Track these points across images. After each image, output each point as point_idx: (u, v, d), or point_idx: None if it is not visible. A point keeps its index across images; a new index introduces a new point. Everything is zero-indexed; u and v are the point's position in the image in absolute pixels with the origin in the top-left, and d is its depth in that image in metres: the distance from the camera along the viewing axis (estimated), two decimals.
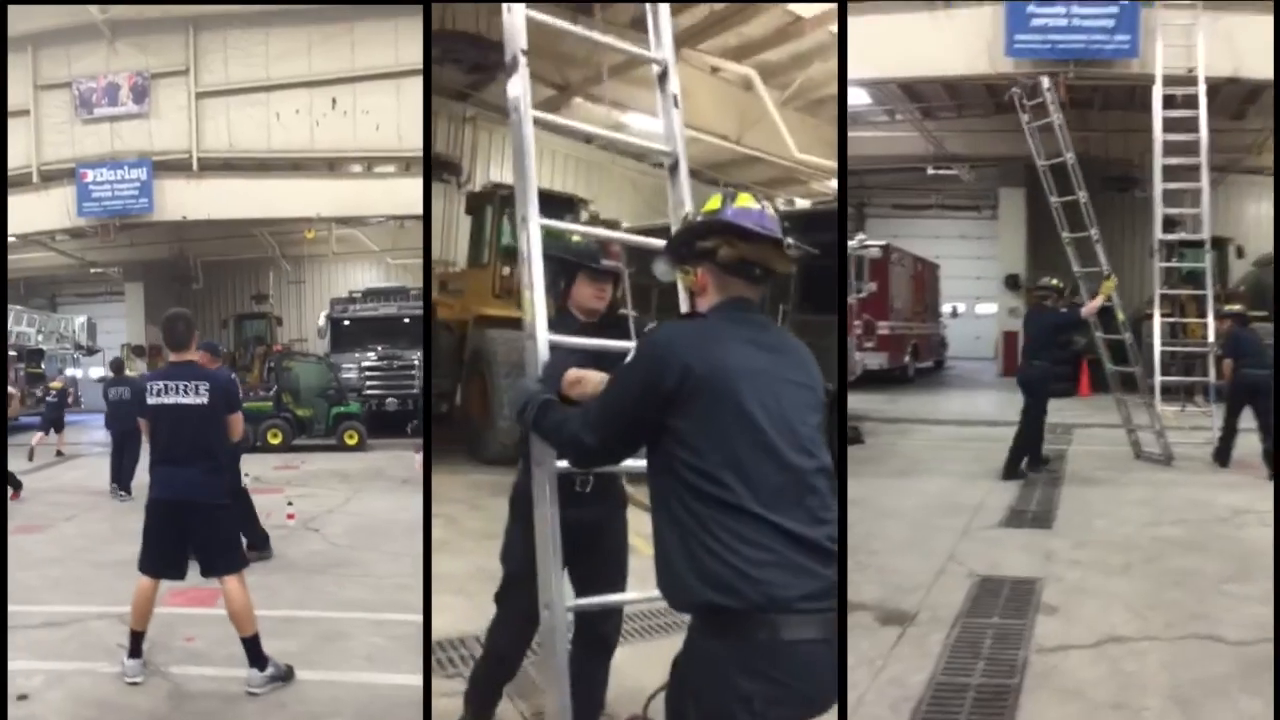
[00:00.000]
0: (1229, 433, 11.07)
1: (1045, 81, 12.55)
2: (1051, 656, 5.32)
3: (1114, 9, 14.24)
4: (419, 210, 19.61)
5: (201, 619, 6.61)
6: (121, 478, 12.73)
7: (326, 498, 11.90)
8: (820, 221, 11.15)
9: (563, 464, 3.56)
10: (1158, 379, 12.24)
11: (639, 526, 4.42)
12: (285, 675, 5.77)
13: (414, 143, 19.20)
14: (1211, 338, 12.63)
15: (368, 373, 22.92)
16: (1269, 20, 14.04)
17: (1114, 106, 19.73)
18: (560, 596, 3.53)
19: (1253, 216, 26.53)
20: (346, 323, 24.04)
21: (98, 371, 31.74)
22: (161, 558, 5.83)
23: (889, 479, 10.35)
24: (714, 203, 3.19)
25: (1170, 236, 13.21)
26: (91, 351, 32.36)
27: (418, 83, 18.64)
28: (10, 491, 12.12)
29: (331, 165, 20.79)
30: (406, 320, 23.60)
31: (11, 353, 25.46)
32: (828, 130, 20.08)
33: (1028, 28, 14.41)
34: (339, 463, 11.27)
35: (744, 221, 3.09)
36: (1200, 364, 13.03)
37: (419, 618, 6.78)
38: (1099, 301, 11.05)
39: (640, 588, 7.26)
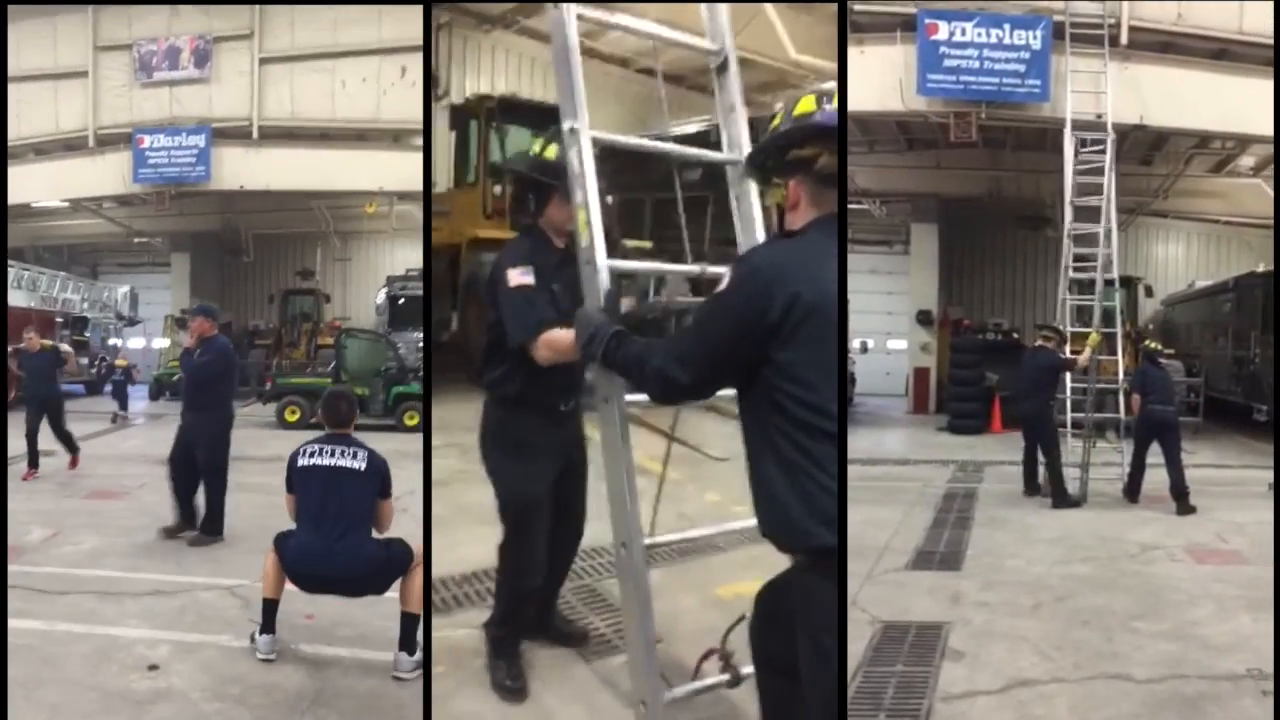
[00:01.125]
0: (1138, 468, 11.14)
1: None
2: (957, 704, 5.18)
3: (1025, 54, 14.46)
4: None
5: (308, 597, 6.18)
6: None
7: (402, 479, 11.03)
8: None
9: (637, 396, 3.31)
10: (1069, 414, 12.30)
11: (649, 447, 4.37)
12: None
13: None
14: (1122, 375, 12.76)
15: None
16: (1173, 71, 14.75)
17: (1026, 147, 20.03)
18: (639, 534, 3.37)
19: (1160, 257, 27.23)
20: (402, 301, 23.19)
21: (139, 343, 32.24)
22: None
23: None
24: (807, 104, 2.90)
25: (1080, 275, 13.33)
26: (133, 322, 31.80)
27: None
28: (70, 457, 12.23)
29: (396, 137, 20.00)
30: None
31: (58, 319, 25.30)
32: (824, 29, 19.65)
33: (940, 68, 14.56)
34: (400, 443, 10.71)
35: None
36: (1111, 400, 13.16)
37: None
38: (1088, 354, 11.82)
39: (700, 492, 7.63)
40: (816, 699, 2.72)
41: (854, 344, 27.02)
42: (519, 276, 4.16)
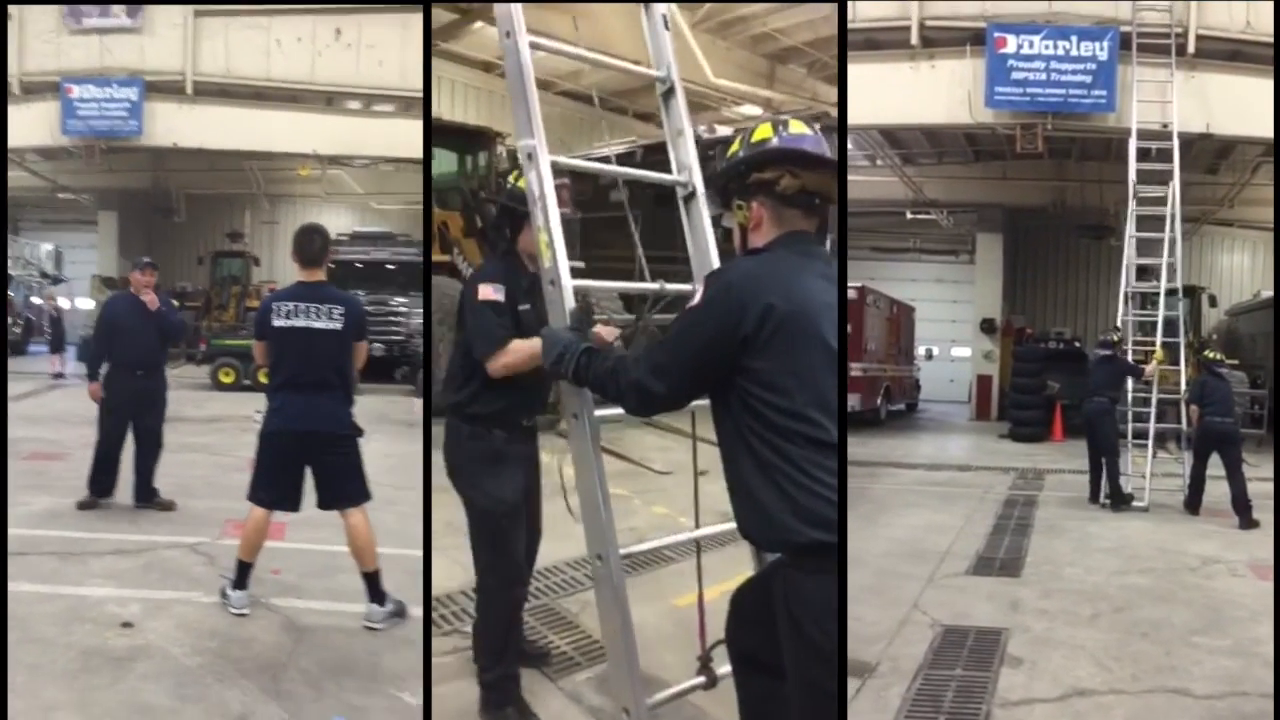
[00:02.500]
0: (1198, 481, 11.09)
1: None
2: (1015, 710, 5.26)
3: (1092, 65, 14.47)
4: (418, 154, 18.89)
5: (278, 552, 6.50)
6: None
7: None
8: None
9: (607, 411, 3.40)
10: (1130, 425, 12.28)
11: (638, 452, 4.45)
12: (401, 612, 5.77)
13: (418, 82, 18.37)
14: (1184, 385, 12.72)
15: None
16: (1240, 79, 14.62)
17: (1091, 158, 19.99)
18: (615, 546, 3.42)
19: (1224, 267, 26.88)
20: (334, 265, 23.47)
21: (64, 304, 29.76)
22: (279, 489, 5.74)
23: (854, 523, 10.19)
24: (764, 131, 3.08)
25: (1142, 285, 13.30)
26: (57, 281, 30.74)
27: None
28: None
29: (329, 100, 19.87)
30: (392, 266, 23.00)
31: None
32: (739, 54, 19.84)
33: (1008, 80, 14.63)
34: None
35: (804, 146, 3.00)
36: (1172, 411, 13.12)
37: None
38: (1154, 366, 12.20)
39: (642, 512, 7.71)
40: (803, 690, 2.83)
41: (919, 350, 27.05)
42: (490, 292, 4.25)
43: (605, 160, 5.34)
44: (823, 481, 2.76)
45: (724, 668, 3.56)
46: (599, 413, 3.45)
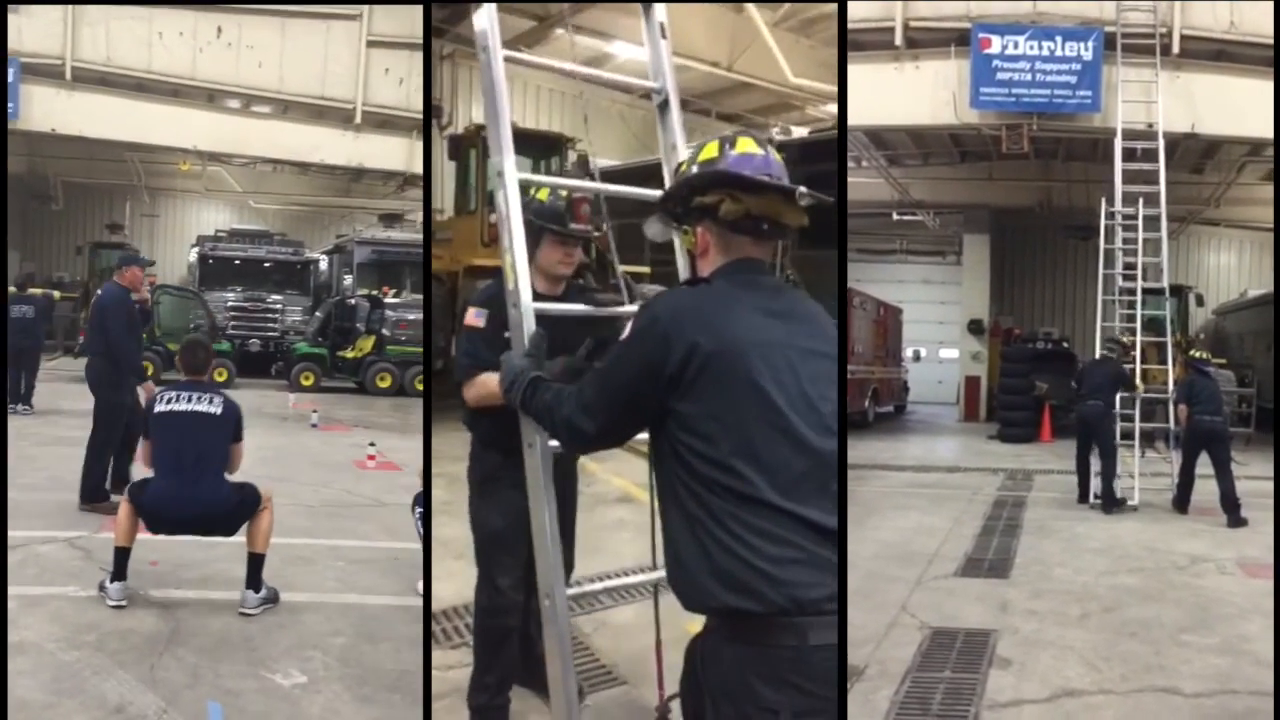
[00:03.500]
0: (1186, 479, 11.13)
1: None
2: (1004, 712, 5.24)
3: (1077, 65, 14.50)
4: (299, 155, 19.99)
5: (156, 544, 6.49)
6: (22, 395, 13.16)
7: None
8: (818, 151, 10.76)
9: (555, 444, 3.24)
10: (1118, 425, 12.27)
11: (638, 476, 4.39)
12: (274, 598, 5.94)
13: (295, 86, 18.78)
14: (1171, 385, 12.73)
15: (232, 313, 22.84)
16: (1225, 79, 14.64)
17: (1077, 158, 20.02)
18: (561, 584, 3.28)
19: (1211, 266, 26.99)
20: (212, 261, 23.96)
21: None
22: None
23: None
24: (710, 150, 2.81)
25: (1131, 284, 13.31)
26: None
27: (306, 24, 18.29)
28: None
29: (211, 97, 19.87)
30: (268, 264, 23.83)
31: None
32: (823, 52, 19.48)
33: (992, 81, 14.62)
34: None
35: (746, 170, 2.72)
36: (1160, 410, 13.14)
37: (370, 543, 7.72)
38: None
39: (638, 541, 7.40)
40: None
41: (907, 352, 27.08)
42: (472, 317, 4.15)
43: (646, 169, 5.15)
44: (744, 541, 2.47)
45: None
46: (554, 443, 3.27)
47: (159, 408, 5.94)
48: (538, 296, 3.85)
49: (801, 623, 2.43)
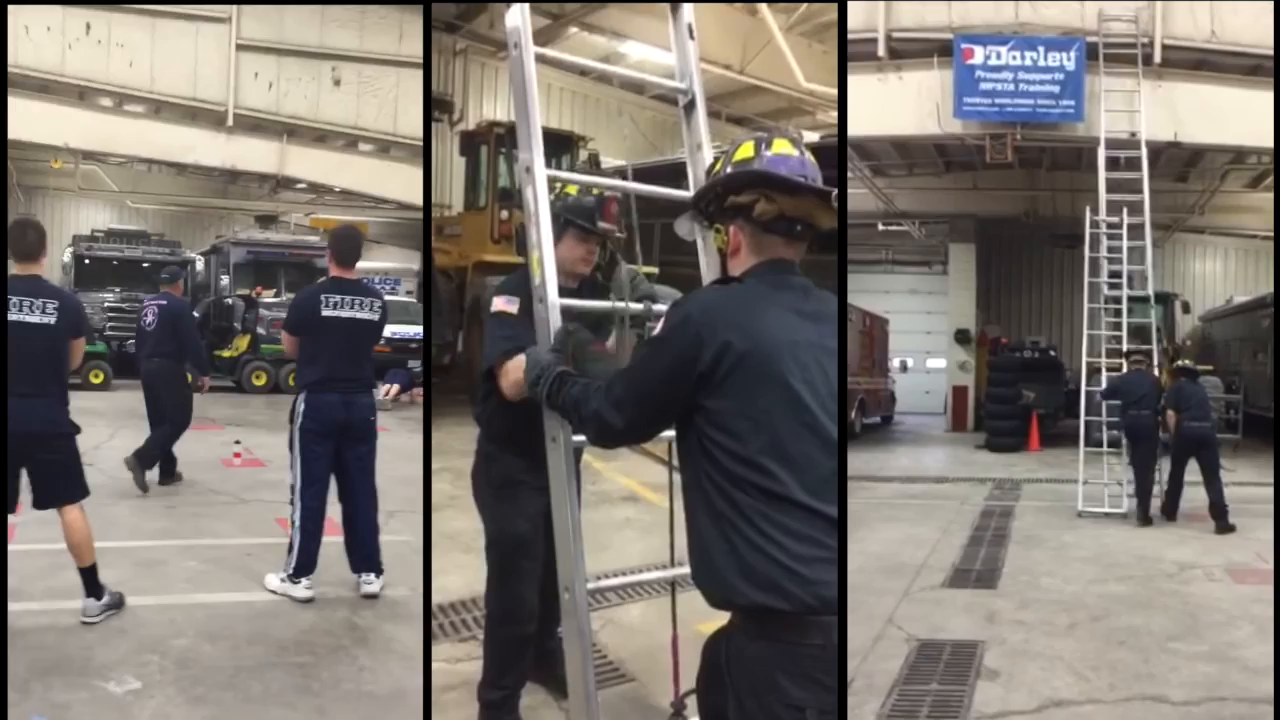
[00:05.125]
0: (1175, 486, 11.12)
1: None
2: None
3: (1060, 75, 14.54)
4: (172, 156, 19.91)
5: None
6: None
7: (91, 434, 10.63)
8: (830, 156, 10.81)
9: (579, 438, 3.27)
10: (1105, 432, 12.26)
11: (645, 476, 4.34)
12: (119, 603, 5.91)
13: (167, 86, 18.74)
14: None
15: (109, 313, 22.42)
16: (1206, 88, 14.68)
17: (1061, 167, 20.07)
18: (582, 578, 3.32)
19: (1197, 273, 27.07)
20: (89, 261, 23.74)
21: None
22: None
23: None
24: (746, 150, 2.85)
25: (1116, 292, 13.32)
26: None
27: (176, 24, 18.22)
28: None
29: (82, 95, 19.71)
30: (147, 265, 23.41)
31: None
32: (834, 58, 19.69)
33: (976, 91, 14.65)
34: (85, 401, 11.10)
35: (782, 170, 2.76)
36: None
37: (225, 541, 7.81)
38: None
39: (644, 539, 7.41)
40: None
41: (894, 362, 27.08)
42: (503, 304, 4.12)
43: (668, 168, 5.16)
44: (773, 539, 2.54)
45: (697, 716, 3.41)
46: (578, 438, 3.32)
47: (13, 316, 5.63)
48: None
49: (828, 621, 2.52)
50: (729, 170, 2.85)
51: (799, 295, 2.79)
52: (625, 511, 8.72)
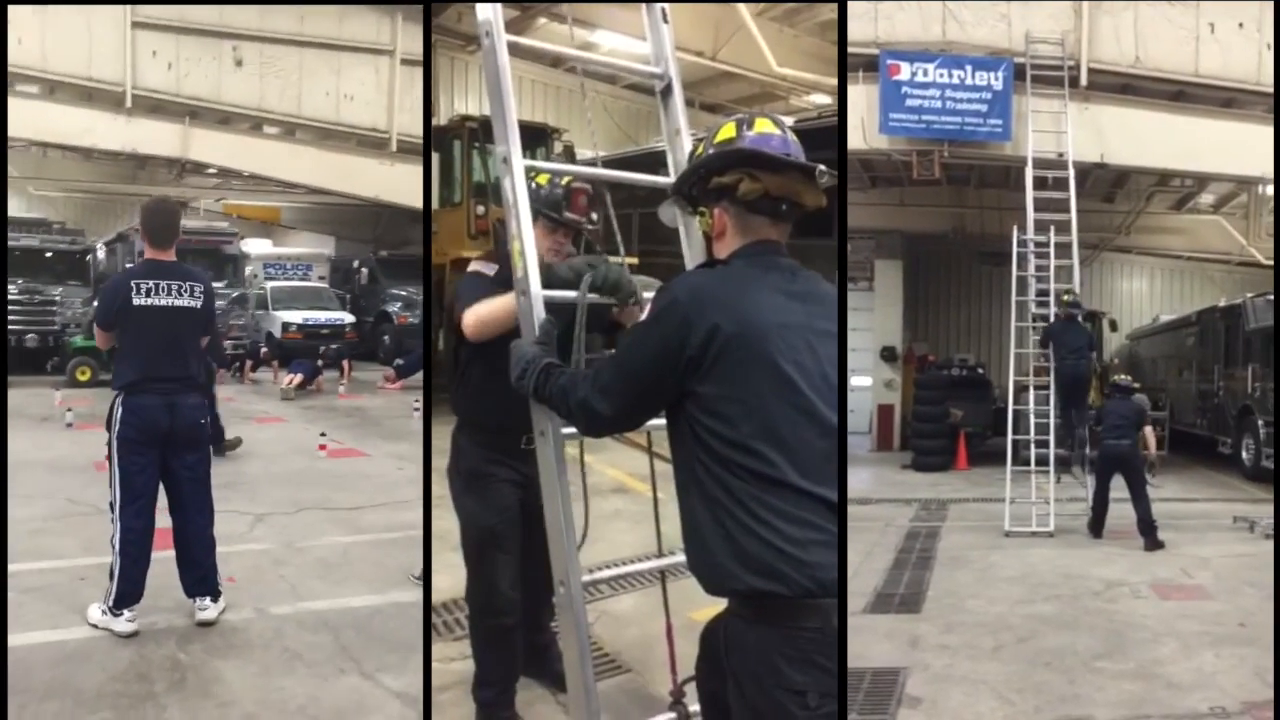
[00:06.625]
0: (1101, 503, 11.08)
1: None
2: None
3: (987, 94, 14.62)
4: (69, 139, 19.42)
5: None
6: None
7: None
8: (804, 139, 10.81)
9: (569, 430, 3.25)
10: (1033, 450, 12.24)
11: (632, 466, 4.20)
12: None
13: (60, 66, 18.13)
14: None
15: (9, 306, 21.77)
16: (1131, 112, 15.05)
17: (989, 185, 20.20)
18: (576, 572, 3.28)
19: (1124, 292, 27.42)
20: None
21: None
22: None
23: None
24: (728, 131, 2.83)
25: (1044, 310, 13.36)
26: None
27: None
28: None
29: None
30: (49, 254, 22.54)
31: None
32: (807, 41, 19.67)
33: (902, 107, 14.66)
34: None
35: (766, 149, 2.74)
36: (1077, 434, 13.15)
37: (59, 563, 7.09)
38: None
39: (634, 530, 7.37)
40: None
41: None
42: (480, 265, 4.22)
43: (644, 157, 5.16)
44: (768, 524, 2.51)
45: (696, 704, 3.39)
46: (567, 430, 3.29)
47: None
48: None
49: (826, 604, 2.50)
50: (711, 151, 2.82)
51: (786, 276, 2.76)
52: (615, 503, 8.60)
